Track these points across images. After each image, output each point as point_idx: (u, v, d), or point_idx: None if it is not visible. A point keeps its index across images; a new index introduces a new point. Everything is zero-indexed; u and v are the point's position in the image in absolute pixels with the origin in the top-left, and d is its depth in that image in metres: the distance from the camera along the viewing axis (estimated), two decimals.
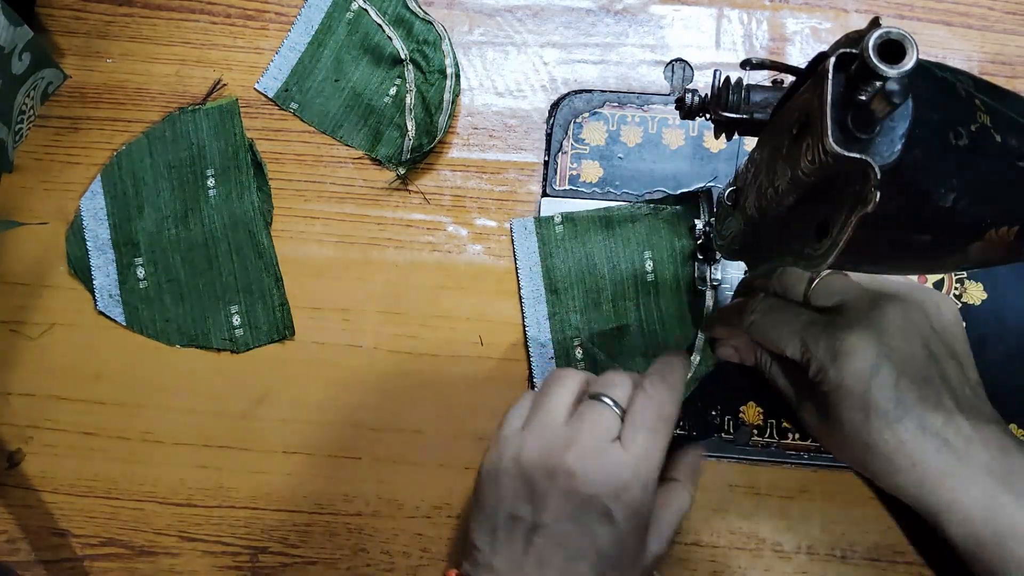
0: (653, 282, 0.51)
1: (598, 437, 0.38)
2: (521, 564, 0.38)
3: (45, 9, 0.57)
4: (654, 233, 0.52)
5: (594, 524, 0.37)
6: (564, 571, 0.37)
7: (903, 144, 0.28)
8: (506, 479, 0.39)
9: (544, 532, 0.37)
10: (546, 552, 0.37)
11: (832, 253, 0.29)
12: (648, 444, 0.38)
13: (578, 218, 0.52)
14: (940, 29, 0.55)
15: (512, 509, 0.38)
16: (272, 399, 0.51)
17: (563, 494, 0.37)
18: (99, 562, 0.49)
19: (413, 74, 0.54)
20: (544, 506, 0.38)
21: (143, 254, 0.53)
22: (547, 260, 0.52)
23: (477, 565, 0.39)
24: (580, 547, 0.37)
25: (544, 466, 0.38)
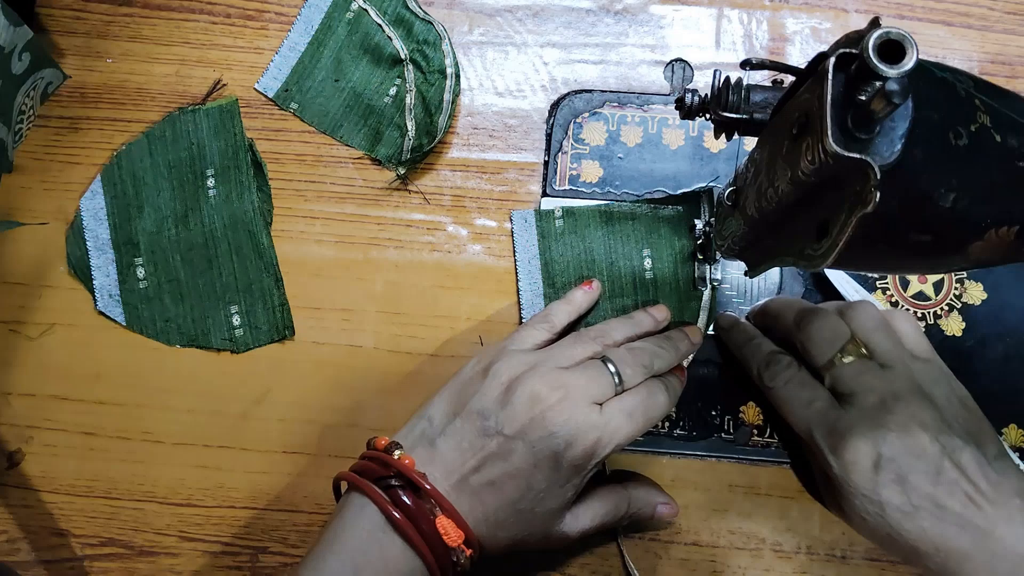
0: (652, 280, 0.51)
1: (587, 394, 0.41)
2: (463, 456, 0.40)
3: (45, 9, 0.57)
4: (653, 232, 0.52)
5: (540, 458, 0.40)
6: (496, 481, 0.40)
7: (903, 144, 0.28)
8: (494, 382, 0.42)
9: (499, 440, 0.40)
10: (490, 457, 0.40)
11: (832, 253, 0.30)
12: (620, 425, 0.41)
13: (579, 212, 0.52)
14: (940, 29, 0.55)
15: (482, 407, 0.41)
16: (272, 399, 0.51)
17: (532, 419, 0.40)
18: (99, 562, 0.49)
19: (413, 74, 0.54)
20: (511, 419, 0.40)
21: (143, 254, 0.53)
22: (546, 253, 0.52)
23: (421, 436, 0.42)
24: (520, 468, 0.40)
25: (532, 393, 0.40)
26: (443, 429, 0.41)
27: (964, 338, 0.50)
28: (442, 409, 0.42)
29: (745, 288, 0.51)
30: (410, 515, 0.38)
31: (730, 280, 0.51)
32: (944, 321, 0.50)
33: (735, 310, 0.51)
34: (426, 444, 0.41)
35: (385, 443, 0.41)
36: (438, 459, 0.40)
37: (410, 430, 0.43)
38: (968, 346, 0.50)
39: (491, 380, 0.42)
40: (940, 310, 0.50)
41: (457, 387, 0.43)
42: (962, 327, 0.50)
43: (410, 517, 0.38)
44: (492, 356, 0.44)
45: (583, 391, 0.41)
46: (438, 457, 0.40)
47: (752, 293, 0.51)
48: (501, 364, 0.42)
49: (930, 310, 0.50)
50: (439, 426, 0.42)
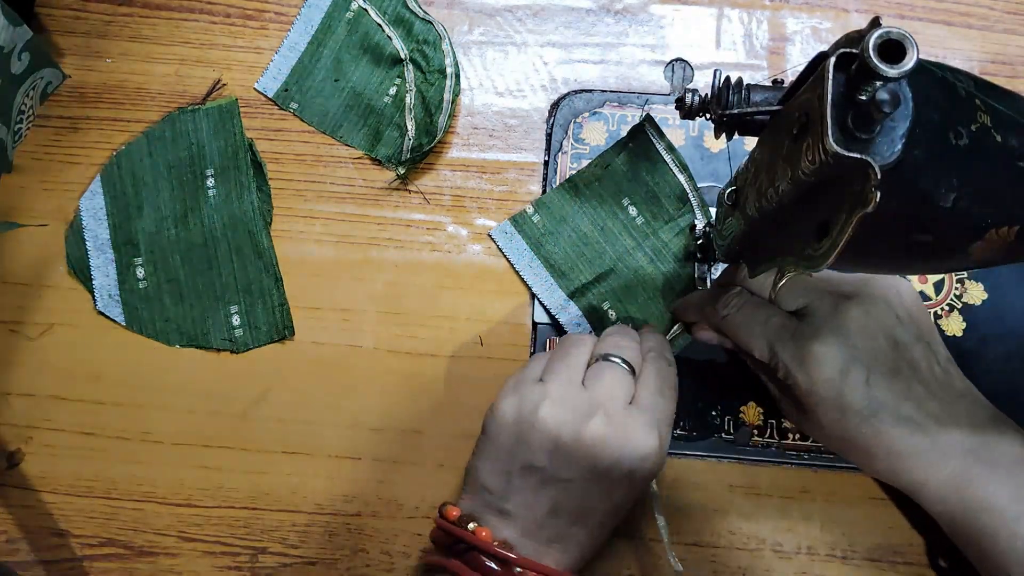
0: (645, 223, 0.52)
1: (618, 399, 0.41)
2: (534, 510, 0.40)
3: (45, 9, 0.57)
4: (620, 182, 0.52)
5: (614, 484, 0.40)
6: (576, 520, 0.40)
7: (903, 144, 0.28)
8: (527, 429, 0.40)
9: (562, 486, 0.39)
10: (562, 502, 0.40)
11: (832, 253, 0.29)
12: (664, 408, 0.42)
13: (548, 199, 0.52)
14: (940, 29, 0.55)
15: (531, 459, 0.40)
16: (272, 399, 0.51)
17: (589, 456, 0.39)
18: (99, 562, 0.49)
19: (413, 74, 0.54)
20: (569, 464, 0.39)
21: (143, 254, 0.53)
22: (540, 251, 0.52)
23: (488, 505, 0.41)
24: (597, 502, 0.40)
25: (572, 427, 0.39)
26: (505, 494, 0.40)
27: (964, 338, 0.50)
28: (492, 475, 0.41)
29: None
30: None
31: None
32: (944, 321, 0.50)
33: None
34: (495, 513, 0.40)
35: (457, 514, 0.40)
36: (512, 521, 0.40)
37: (472, 501, 0.41)
38: (969, 346, 0.50)
39: (524, 430, 0.40)
40: (940, 310, 0.50)
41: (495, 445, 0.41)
42: (963, 327, 0.50)
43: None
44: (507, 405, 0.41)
45: (614, 402, 0.40)
46: (511, 520, 0.40)
47: None
48: (524, 406, 0.40)
49: (931, 310, 0.50)
50: (499, 492, 0.40)
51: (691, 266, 0.51)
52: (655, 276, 0.51)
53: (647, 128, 0.52)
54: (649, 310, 0.51)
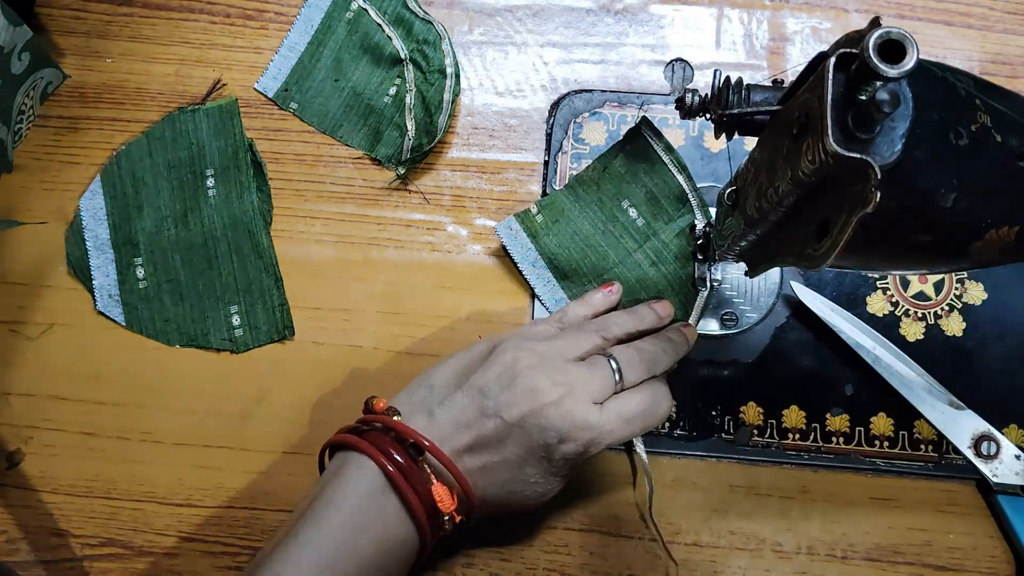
0: (646, 224, 0.51)
1: (588, 392, 0.41)
2: (459, 431, 0.40)
3: (45, 9, 0.57)
4: (619, 184, 0.52)
5: (534, 448, 0.40)
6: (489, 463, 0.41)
7: (903, 144, 0.28)
8: (499, 363, 0.42)
9: (496, 422, 0.40)
10: (486, 438, 0.40)
11: (832, 253, 0.30)
12: (616, 427, 0.41)
13: (551, 198, 0.52)
14: (940, 29, 0.55)
15: (484, 385, 0.41)
16: (272, 399, 0.51)
17: (532, 410, 0.40)
18: (99, 562, 0.49)
19: (413, 74, 0.54)
20: (511, 404, 0.40)
21: (143, 254, 0.53)
22: (544, 250, 0.52)
23: (420, 403, 0.42)
24: (513, 455, 0.41)
25: (534, 382, 0.41)
26: (443, 400, 0.42)
27: (964, 338, 0.50)
28: (444, 379, 0.43)
29: (745, 288, 0.51)
30: (408, 478, 0.39)
31: (730, 280, 0.51)
32: (944, 321, 0.50)
33: (735, 309, 0.51)
34: (424, 412, 0.41)
35: (384, 406, 0.41)
36: (434, 429, 0.41)
37: (409, 395, 0.43)
38: (969, 346, 0.50)
39: (497, 360, 0.42)
40: (940, 310, 0.50)
41: (463, 361, 0.44)
42: (963, 327, 0.50)
43: (408, 480, 0.39)
44: (502, 340, 0.44)
45: (584, 389, 0.41)
46: (435, 427, 0.41)
47: (752, 293, 0.51)
48: (509, 348, 0.43)
49: (930, 310, 0.50)
50: (439, 396, 0.42)
51: (691, 266, 0.51)
52: (656, 278, 0.51)
53: (643, 130, 0.52)
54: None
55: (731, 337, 0.51)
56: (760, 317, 0.51)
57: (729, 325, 0.51)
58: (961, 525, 0.48)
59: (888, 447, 0.49)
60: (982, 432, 0.47)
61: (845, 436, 0.49)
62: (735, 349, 0.50)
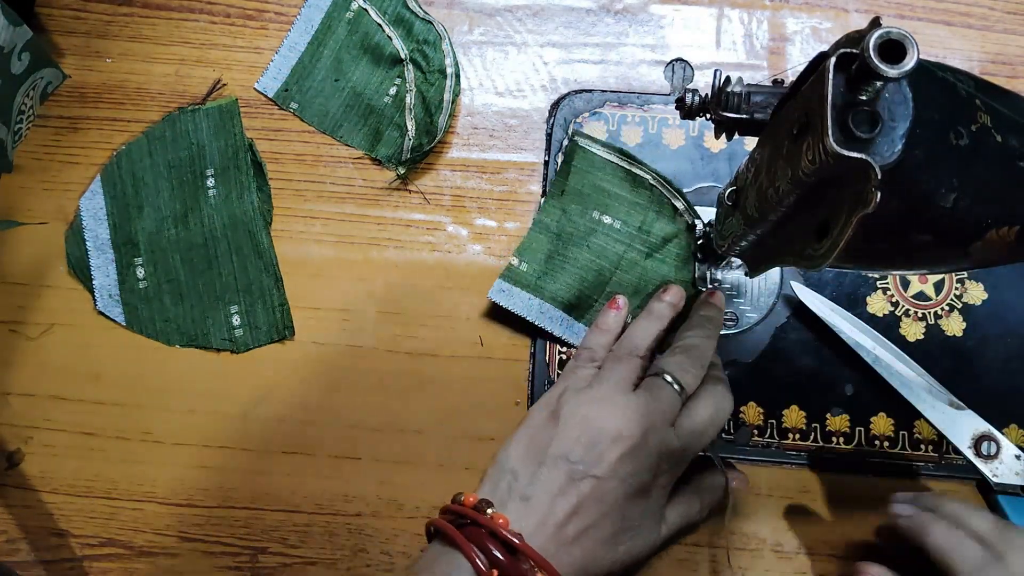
0: (623, 223, 0.51)
1: (664, 420, 0.41)
2: (556, 505, 0.39)
3: (45, 9, 0.57)
4: (582, 200, 0.51)
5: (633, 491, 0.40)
6: (594, 524, 0.39)
7: (903, 144, 0.28)
8: (570, 425, 0.41)
9: (592, 483, 0.39)
10: (586, 501, 0.39)
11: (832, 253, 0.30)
12: (692, 443, 0.42)
13: (527, 246, 0.51)
14: (940, 29, 0.55)
15: (566, 451, 0.40)
16: (272, 399, 0.51)
17: (621, 457, 0.40)
18: (98, 562, 0.49)
19: (413, 74, 0.54)
20: (599, 460, 0.39)
21: (143, 254, 0.53)
22: (544, 294, 0.51)
23: (509, 491, 0.40)
24: (614, 506, 0.40)
25: (614, 431, 0.40)
26: (531, 480, 0.40)
27: (965, 338, 0.50)
28: (522, 459, 0.41)
29: (745, 288, 0.51)
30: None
31: (730, 280, 0.51)
32: (944, 321, 0.50)
33: (735, 309, 0.51)
34: (517, 499, 0.40)
35: (475, 500, 0.40)
36: (532, 512, 0.39)
37: (495, 486, 0.41)
38: (969, 346, 0.50)
39: (567, 422, 0.41)
40: (940, 310, 0.50)
41: (529, 436, 0.42)
42: (963, 327, 0.50)
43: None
44: (555, 401, 0.43)
45: (659, 417, 0.41)
46: (531, 511, 0.39)
47: (752, 293, 0.51)
48: (570, 406, 0.41)
49: (930, 310, 0.50)
50: (525, 478, 0.40)
51: (691, 266, 0.51)
52: (655, 266, 0.51)
53: (578, 141, 0.52)
54: None
55: (731, 337, 0.51)
56: (760, 317, 0.51)
57: (729, 325, 0.51)
58: None
59: (888, 447, 0.49)
60: (982, 432, 0.47)
61: (845, 436, 0.49)
62: (735, 349, 0.50)
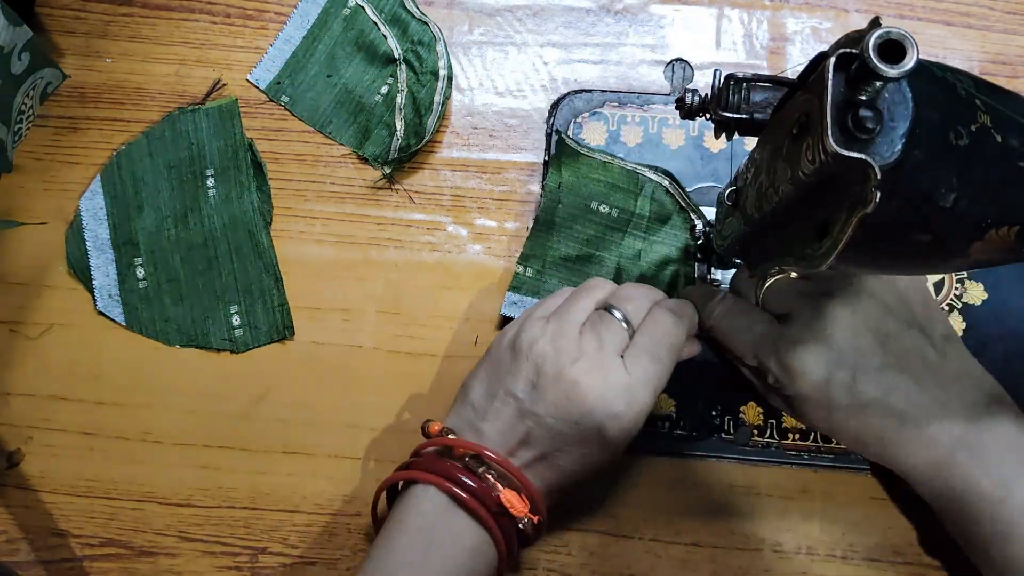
0: (620, 211, 0.52)
1: (605, 352, 0.41)
2: (507, 437, 0.41)
3: (45, 9, 0.57)
4: (577, 193, 0.52)
5: (586, 433, 0.40)
6: (548, 455, 0.41)
7: (903, 144, 0.28)
8: (520, 358, 0.42)
9: (535, 419, 0.40)
10: (533, 436, 0.41)
11: (832, 253, 0.30)
12: (649, 370, 0.41)
13: (529, 250, 0.51)
14: (940, 29, 0.55)
15: (513, 387, 0.41)
16: (272, 399, 0.51)
17: (563, 397, 0.40)
18: (99, 562, 0.49)
19: (405, 74, 0.54)
20: (541, 400, 0.40)
21: (143, 254, 0.53)
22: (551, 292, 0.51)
23: (466, 422, 0.42)
24: (566, 447, 0.41)
25: (554, 367, 0.41)
26: (484, 413, 0.42)
27: (964, 338, 0.50)
28: (480, 392, 0.43)
29: None
30: (475, 494, 0.39)
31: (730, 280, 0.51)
32: None
33: None
34: (472, 430, 0.42)
35: (439, 428, 0.42)
36: (486, 443, 0.41)
37: (456, 415, 0.43)
38: (969, 346, 0.49)
39: (518, 357, 0.42)
40: None
41: (491, 366, 0.44)
42: (962, 327, 0.50)
43: (475, 496, 0.39)
44: (519, 329, 0.44)
45: (604, 353, 0.41)
46: (485, 440, 0.41)
47: None
48: (525, 338, 0.42)
49: None
50: (481, 410, 0.42)
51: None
52: (657, 249, 0.51)
53: (566, 139, 0.52)
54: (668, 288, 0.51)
55: None
56: None
57: None
58: None
59: None
60: None
61: None
62: None
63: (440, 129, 0.54)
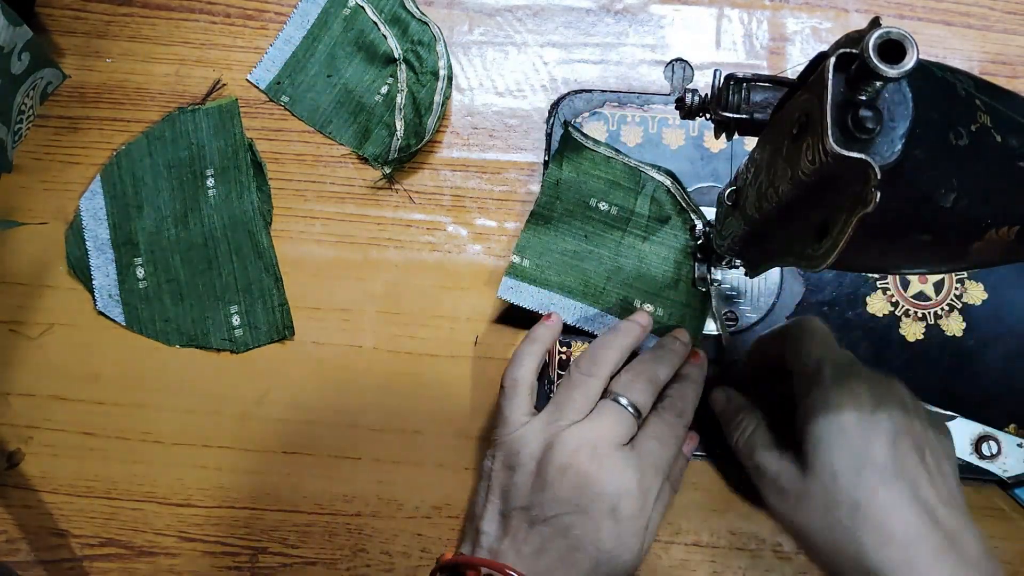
0: (619, 209, 0.52)
1: (612, 441, 0.41)
2: (523, 550, 0.40)
3: (45, 9, 0.57)
4: (577, 188, 0.52)
5: (599, 520, 0.39)
6: (564, 558, 0.39)
7: (903, 144, 0.28)
8: (522, 472, 0.41)
9: (549, 523, 0.40)
10: (549, 540, 0.39)
11: (832, 253, 0.30)
12: (657, 454, 0.42)
13: (525, 242, 0.51)
14: (940, 29, 0.55)
15: (524, 502, 0.41)
16: (272, 399, 0.51)
17: (572, 488, 0.40)
18: (99, 562, 0.49)
19: (405, 74, 0.54)
20: (554, 500, 0.40)
21: (143, 254, 0.53)
22: (552, 286, 0.51)
23: (481, 548, 0.41)
24: (581, 538, 0.39)
25: (559, 464, 0.40)
26: (499, 534, 0.41)
27: (964, 338, 0.50)
28: (490, 516, 0.42)
29: (745, 288, 0.51)
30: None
31: (730, 280, 0.51)
32: (944, 321, 0.50)
33: (735, 310, 0.51)
34: (491, 555, 0.41)
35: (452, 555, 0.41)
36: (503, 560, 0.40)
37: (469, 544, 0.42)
38: (968, 346, 0.50)
39: (519, 472, 0.41)
40: (940, 310, 0.50)
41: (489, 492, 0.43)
42: (962, 327, 0.50)
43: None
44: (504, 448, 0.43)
45: (609, 440, 0.41)
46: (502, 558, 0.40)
47: (752, 293, 0.51)
48: (519, 452, 0.42)
49: (930, 310, 0.50)
50: (495, 534, 0.41)
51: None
52: (653, 250, 0.51)
53: (572, 132, 0.52)
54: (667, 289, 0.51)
55: (731, 337, 0.51)
56: (760, 317, 0.51)
57: (729, 325, 0.51)
58: None
59: None
60: (979, 434, 0.47)
61: None
62: (735, 349, 0.50)
63: (440, 129, 0.54)
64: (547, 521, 0.40)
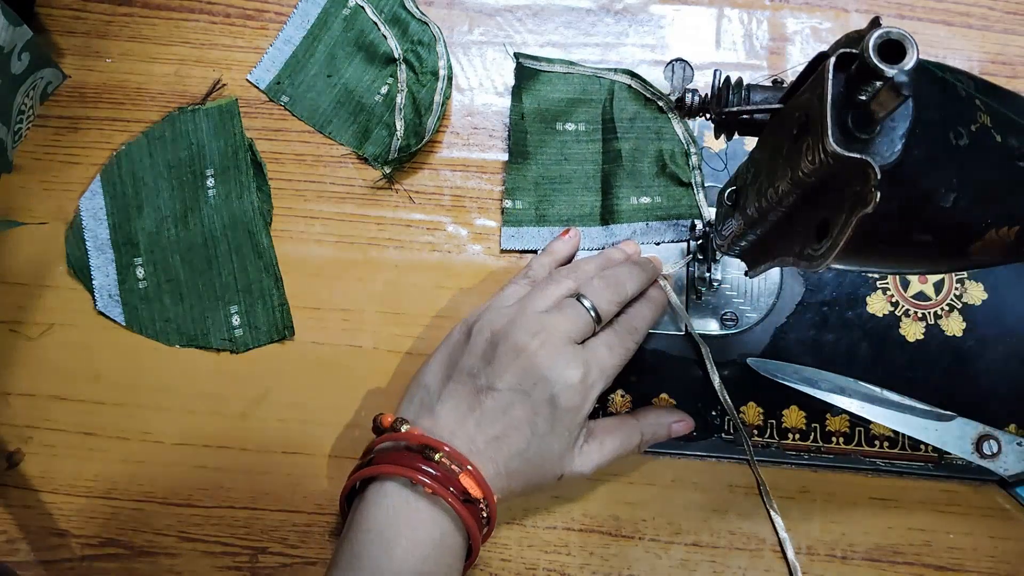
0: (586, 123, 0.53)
1: (568, 335, 0.42)
2: (464, 418, 0.41)
3: (45, 9, 0.57)
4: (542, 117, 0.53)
5: (537, 404, 0.41)
6: (501, 435, 0.41)
7: (903, 144, 0.28)
8: (478, 340, 0.43)
9: (490, 395, 0.41)
10: (489, 413, 0.41)
11: (832, 253, 0.30)
12: (604, 359, 0.43)
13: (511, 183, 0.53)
14: (940, 29, 0.55)
15: (471, 366, 0.42)
16: (272, 399, 0.51)
17: (520, 369, 0.41)
18: (99, 562, 0.49)
19: (405, 74, 0.54)
20: (500, 373, 0.41)
21: (142, 254, 0.53)
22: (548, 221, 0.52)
23: (421, 405, 0.43)
24: (519, 418, 0.41)
25: (513, 343, 0.42)
26: (439, 395, 0.43)
27: (964, 338, 0.50)
28: (435, 375, 0.44)
29: (745, 288, 0.51)
30: (438, 480, 0.39)
31: (730, 280, 0.51)
32: (944, 321, 0.50)
33: (735, 310, 0.51)
34: (427, 413, 0.42)
35: (391, 420, 0.42)
36: (441, 424, 0.41)
37: (409, 401, 0.44)
38: (968, 346, 0.50)
39: (475, 338, 0.43)
40: (940, 310, 0.50)
41: (446, 351, 0.45)
42: (962, 327, 0.50)
43: (438, 482, 0.39)
44: (476, 317, 0.45)
45: (562, 332, 0.42)
46: (441, 422, 0.41)
47: (752, 293, 0.51)
48: (483, 321, 0.44)
49: (930, 310, 0.50)
50: (435, 392, 0.43)
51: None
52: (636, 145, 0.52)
53: (522, 61, 0.54)
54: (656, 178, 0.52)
55: (731, 337, 0.51)
56: (760, 317, 0.51)
57: (729, 325, 0.51)
58: (961, 525, 0.48)
59: (888, 447, 0.49)
60: (979, 434, 0.47)
61: (845, 436, 0.49)
62: (735, 349, 0.50)
63: (440, 129, 0.54)
64: (488, 392, 0.41)
